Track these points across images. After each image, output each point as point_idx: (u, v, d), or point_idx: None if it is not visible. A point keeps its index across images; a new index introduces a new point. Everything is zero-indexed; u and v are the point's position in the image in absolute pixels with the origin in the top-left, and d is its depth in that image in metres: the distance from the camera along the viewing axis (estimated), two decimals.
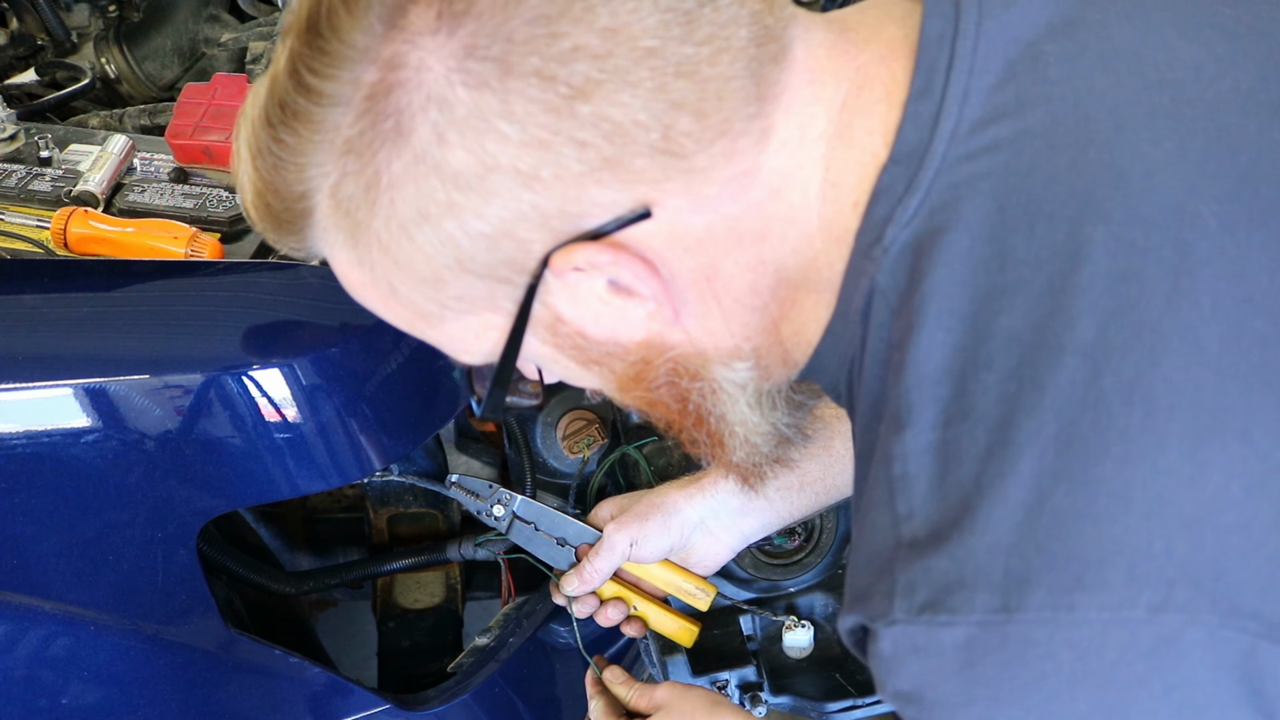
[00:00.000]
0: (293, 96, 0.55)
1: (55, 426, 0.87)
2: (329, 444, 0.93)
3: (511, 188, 0.55)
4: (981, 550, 0.53)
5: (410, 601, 1.29)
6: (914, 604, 0.55)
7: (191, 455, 0.90)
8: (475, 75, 0.53)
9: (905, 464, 0.57)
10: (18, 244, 1.01)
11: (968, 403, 0.55)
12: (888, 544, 0.57)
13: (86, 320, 0.93)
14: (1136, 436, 0.52)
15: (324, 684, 1.07)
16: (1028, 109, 0.58)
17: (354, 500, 1.29)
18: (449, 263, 0.58)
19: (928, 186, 0.58)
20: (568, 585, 1.05)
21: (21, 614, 0.92)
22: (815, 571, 1.28)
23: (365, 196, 0.56)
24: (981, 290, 0.56)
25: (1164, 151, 0.56)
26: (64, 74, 1.42)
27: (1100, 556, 0.52)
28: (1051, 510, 0.52)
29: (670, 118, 0.55)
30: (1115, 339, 0.53)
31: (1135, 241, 0.54)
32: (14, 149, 1.13)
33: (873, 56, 0.61)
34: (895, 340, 0.58)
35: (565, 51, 0.53)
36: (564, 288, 0.60)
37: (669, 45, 0.54)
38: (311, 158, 0.56)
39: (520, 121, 0.53)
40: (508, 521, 1.08)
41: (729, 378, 0.68)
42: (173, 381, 0.88)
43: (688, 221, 0.60)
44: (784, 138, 0.60)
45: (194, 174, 1.11)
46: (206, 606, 0.98)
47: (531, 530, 1.08)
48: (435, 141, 0.54)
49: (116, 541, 0.93)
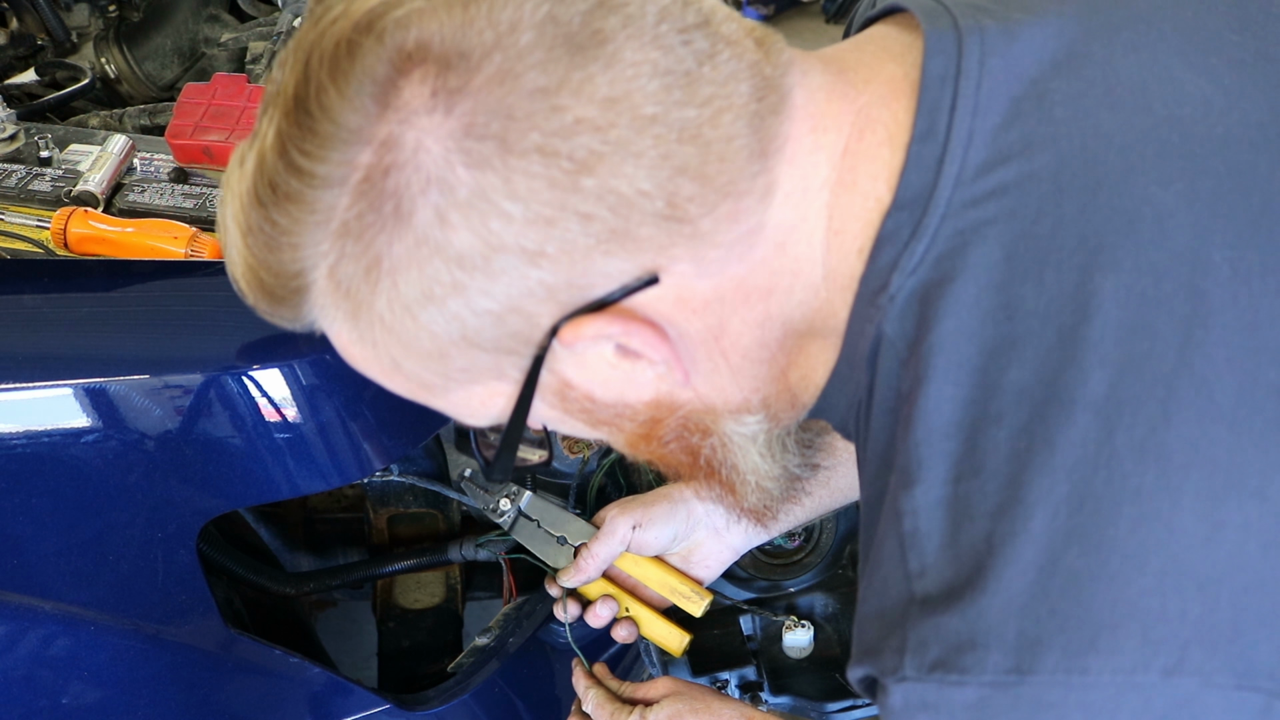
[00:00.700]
0: (284, 177, 0.53)
1: (55, 426, 0.87)
2: (329, 444, 0.93)
3: (518, 265, 0.54)
4: (994, 610, 0.52)
5: (410, 601, 1.29)
6: (925, 661, 0.54)
7: (191, 455, 0.90)
8: (475, 154, 0.51)
9: (916, 520, 0.56)
10: (18, 244, 1.01)
11: (978, 459, 0.54)
12: (900, 599, 0.56)
13: (86, 320, 0.93)
14: (1150, 496, 0.51)
15: (324, 684, 1.07)
16: (1034, 151, 0.56)
17: (354, 500, 1.29)
18: (455, 339, 0.56)
19: (933, 233, 0.56)
20: (565, 577, 1.04)
21: (22, 614, 0.92)
22: (815, 571, 1.28)
23: (366, 278, 0.55)
24: (990, 342, 0.55)
25: (1174, 194, 0.55)
26: (64, 74, 1.42)
27: (1114, 619, 0.51)
28: (1064, 571, 0.52)
29: (675, 185, 0.54)
30: (1127, 394, 0.52)
31: (1146, 292, 0.53)
32: (14, 149, 1.13)
33: (873, 98, 0.60)
34: (904, 391, 0.58)
35: (567, 125, 0.52)
36: (571, 355, 0.59)
37: (671, 111, 0.53)
38: (306, 238, 0.54)
39: (524, 199, 0.52)
40: (513, 517, 1.08)
41: (739, 431, 0.68)
42: (173, 381, 0.88)
43: (694, 285, 0.59)
44: (788, 190, 0.59)
45: (194, 174, 1.11)
46: (206, 606, 0.98)
47: (534, 527, 1.08)
48: (437, 224, 0.52)
49: (116, 541, 0.93)
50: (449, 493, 1.18)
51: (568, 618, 1.06)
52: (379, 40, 0.51)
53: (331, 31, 0.53)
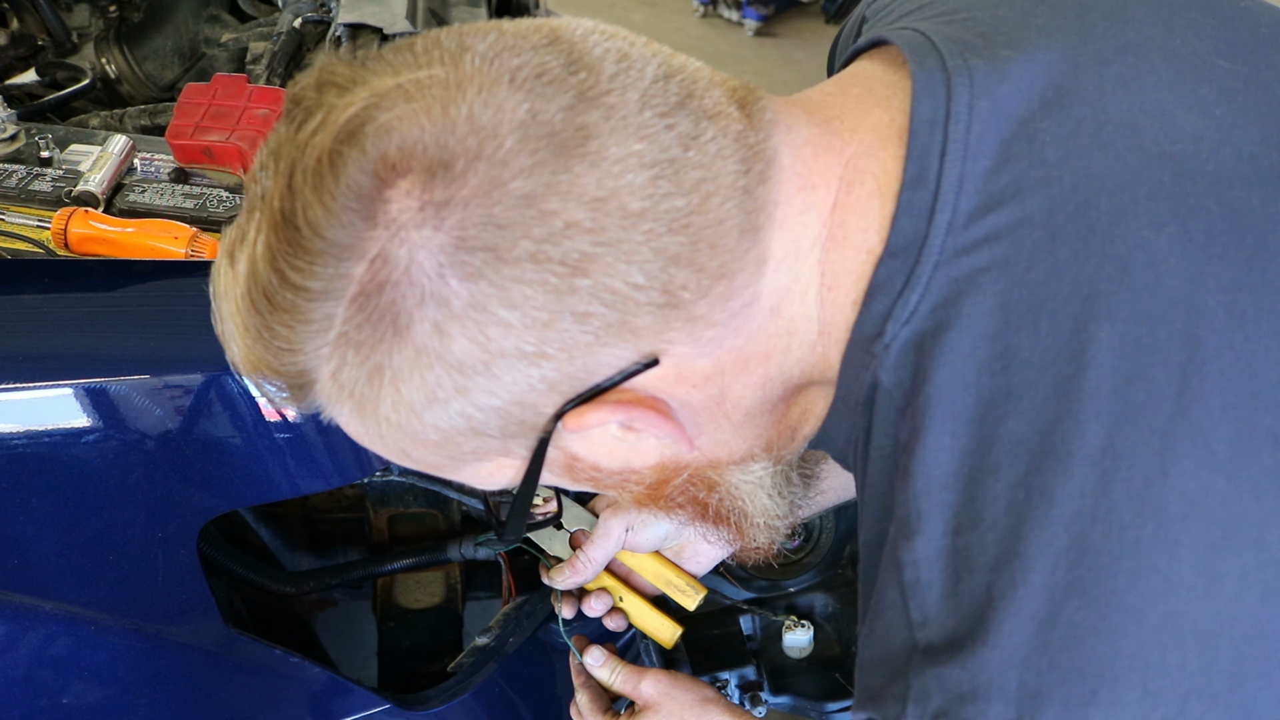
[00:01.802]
0: (278, 290, 0.53)
1: (56, 426, 0.87)
2: (329, 444, 0.93)
3: (518, 367, 0.54)
4: (995, 662, 0.53)
5: (410, 601, 1.29)
6: (927, 711, 0.55)
7: (192, 455, 0.90)
8: (468, 267, 0.51)
9: (917, 570, 0.56)
10: (18, 244, 1.01)
11: (976, 510, 0.54)
12: (902, 648, 0.57)
13: (87, 320, 0.93)
14: (1148, 549, 0.51)
15: (324, 684, 1.07)
16: (1025, 195, 0.56)
17: (354, 500, 1.29)
18: (461, 431, 0.57)
19: (927, 281, 0.56)
20: (559, 578, 1.04)
21: (22, 614, 0.92)
22: (815, 571, 1.28)
23: (369, 384, 0.55)
24: (986, 393, 0.55)
25: (1167, 238, 0.54)
26: (64, 74, 1.42)
27: (1114, 671, 0.51)
28: (1064, 625, 0.52)
29: (668, 275, 0.54)
30: (1124, 446, 0.52)
31: (1141, 340, 0.53)
32: (14, 149, 1.13)
33: (860, 148, 0.60)
34: (902, 441, 0.58)
35: (557, 231, 0.51)
36: (577, 434, 0.60)
37: (660, 203, 0.53)
38: (307, 345, 0.55)
39: (520, 307, 0.52)
40: None
41: (747, 479, 0.69)
42: (173, 381, 0.88)
43: (693, 364, 0.59)
44: (780, 257, 0.59)
45: (194, 174, 1.12)
46: (207, 606, 0.98)
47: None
48: (436, 335, 0.53)
49: (117, 541, 0.93)
50: (449, 492, 1.18)
51: (564, 613, 1.06)
52: (361, 151, 0.51)
53: (313, 144, 0.52)
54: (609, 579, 1.07)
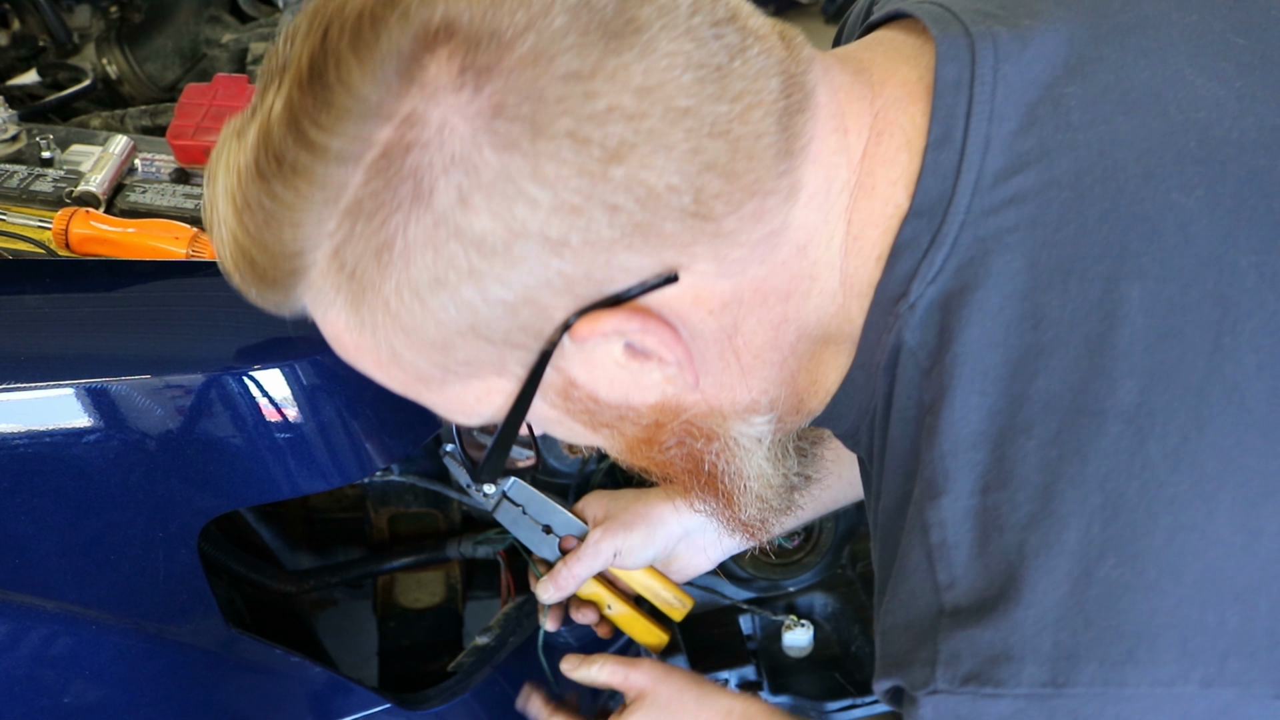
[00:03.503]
0: (293, 151, 0.51)
1: (57, 426, 0.88)
2: (330, 444, 0.94)
3: (539, 254, 0.52)
4: (1028, 622, 0.52)
5: (411, 601, 1.29)
6: (958, 674, 0.54)
7: (193, 455, 0.91)
8: (504, 136, 0.49)
9: (944, 531, 0.55)
10: (19, 244, 1.01)
11: (1006, 469, 0.54)
12: (929, 611, 0.56)
13: (88, 320, 0.93)
14: (1185, 505, 0.51)
15: (324, 683, 1.07)
16: (1052, 157, 0.56)
17: (354, 500, 1.29)
18: (461, 329, 0.54)
19: (953, 241, 0.56)
20: (544, 592, 1.03)
21: (23, 613, 0.92)
22: (815, 571, 1.28)
23: (375, 260, 0.52)
24: (1016, 351, 0.54)
25: (1196, 200, 0.54)
26: (65, 75, 1.42)
27: (1151, 630, 0.51)
28: (1100, 583, 0.51)
29: (703, 180, 0.53)
30: (1158, 403, 0.52)
31: (1173, 299, 0.53)
32: (16, 150, 1.13)
33: (890, 100, 0.59)
34: (927, 402, 0.57)
35: (600, 112, 0.50)
36: (580, 352, 0.58)
37: (704, 104, 0.52)
38: (311, 215, 0.52)
39: (551, 186, 0.50)
40: (497, 499, 1.06)
41: (747, 433, 0.66)
42: (174, 382, 0.88)
43: (714, 286, 0.57)
44: (811, 191, 0.58)
45: (195, 174, 1.12)
46: (208, 606, 0.98)
47: (519, 513, 1.06)
48: (459, 205, 0.50)
49: (118, 541, 0.93)
50: (449, 493, 1.18)
51: (548, 625, 1.07)
52: (404, 17, 0.50)
53: (353, 2, 0.51)
54: (597, 586, 1.08)
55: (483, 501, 1.07)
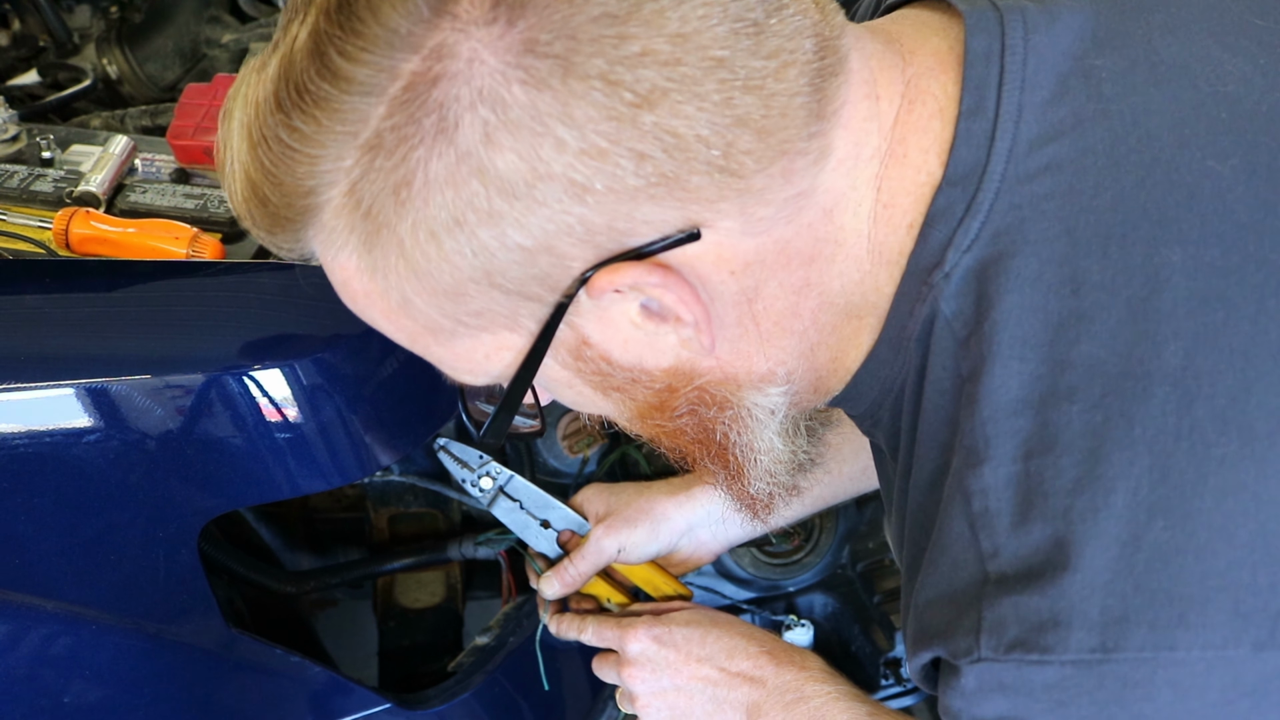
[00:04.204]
0: (315, 81, 0.50)
1: (57, 426, 0.88)
2: (330, 444, 0.94)
3: (561, 198, 0.50)
4: (1076, 588, 0.51)
5: (411, 601, 1.29)
6: (1003, 642, 0.53)
7: (192, 455, 0.91)
8: (534, 73, 0.48)
9: (986, 499, 0.55)
10: (20, 244, 1.01)
11: (1051, 434, 0.53)
12: (973, 581, 0.55)
13: (88, 320, 0.93)
14: (1235, 466, 0.51)
15: (325, 683, 1.07)
16: (1085, 126, 0.56)
17: (354, 500, 1.29)
18: (476, 275, 0.53)
19: (989, 209, 0.55)
20: (548, 588, 1.03)
21: (23, 613, 0.92)
22: (815, 571, 1.28)
23: (393, 196, 0.51)
24: (1056, 317, 0.54)
25: (1231, 168, 0.54)
26: (66, 75, 1.42)
27: (1203, 593, 0.50)
28: (1150, 546, 0.51)
29: (733, 135, 0.52)
30: (1204, 365, 0.51)
31: (1215, 262, 0.53)
32: (16, 150, 1.13)
33: (921, 69, 0.59)
34: (965, 372, 0.56)
35: (633, 55, 0.49)
36: (595, 309, 0.56)
37: (739, 57, 0.51)
38: (329, 150, 0.51)
39: (580, 127, 0.49)
40: (492, 495, 1.05)
41: (761, 403, 0.65)
42: (174, 382, 0.88)
43: (737, 244, 0.56)
44: (841, 155, 0.57)
45: (195, 174, 1.12)
46: (208, 606, 0.98)
47: (516, 508, 1.05)
48: (483, 142, 0.49)
49: (118, 541, 0.93)
50: (449, 493, 1.18)
51: (547, 620, 1.06)
52: None
53: None
54: (596, 580, 1.08)
55: (480, 497, 1.06)
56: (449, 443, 1.06)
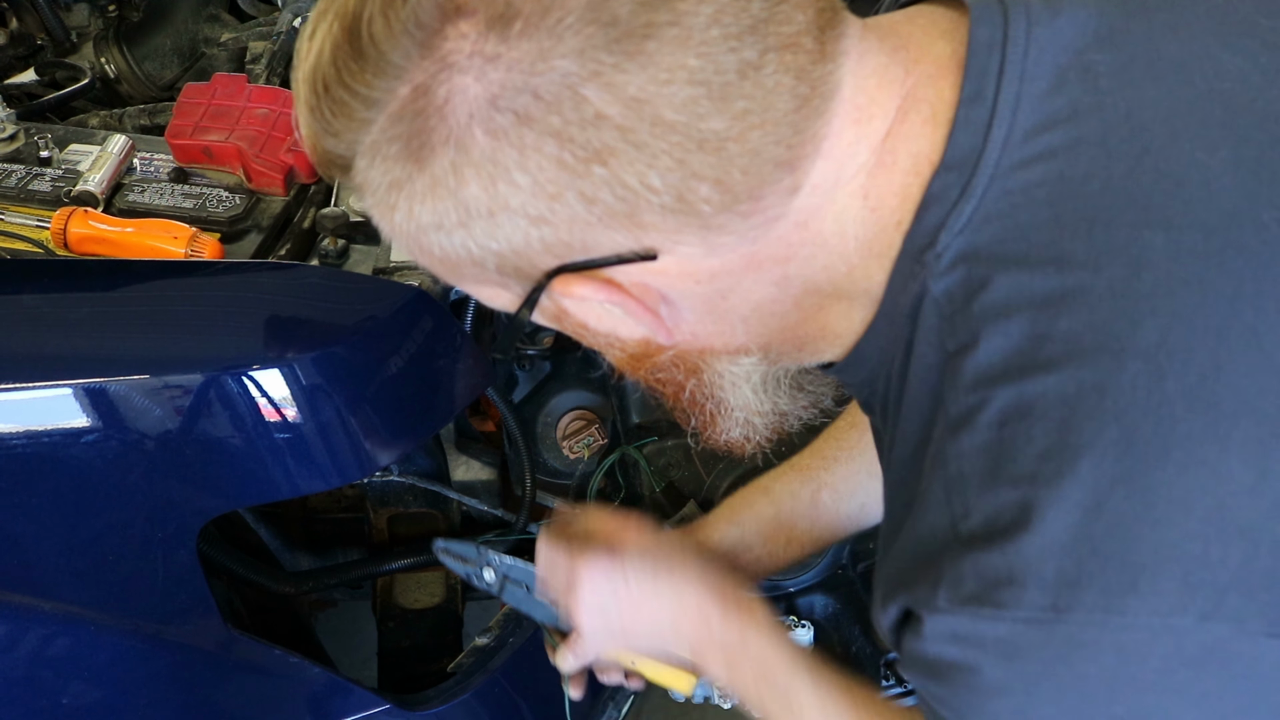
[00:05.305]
0: (334, 84, 0.56)
1: (55, 426, 0.87)
2: (329, 444, 0.93)
3: (520, 225, 0.56)
4: (1035, 549, 0.53)
5: (410, 601, 1.29)
6: (960, 594, 0.55)
7: (191, 455, 0.90)
8: (495, 123, 0.53)
9: (961, 463, 0.56)
10: (18, 244, 1.01)
11: (1026, 404, 0.55)
12: (942, 539, 0.57)
13: (86, 320, 0.93)
14: (1199, 442, 0.52)
15: (324, 684, 1.07)
16: (1081, 117, 0.57)
17: (354, 500, 1.29)
18: (462, 259, 0.59)
19: (982, 193, 0.57)
20: (564, 663, 1.03)
21: (22, 614, 0.92)
22: (815, 571, 1.28)
23: (388, 192, 0.58)
24: (1040, 295, 0.55)
25: (1220, 160, 0.56)
26: (64, 74, 1.42)
27: (1156, 561, 0.51)
28: (1110, 513, 0.52)
29: (687, 185, 0.55)
30: (1178, 343, 0.53)
31: (1195, 247, 0.54)
32: (14, 149, 1.13)
33: (922, 77, 0.60)
34: (952, 347, 0.58)
35: (587, 118, 0.53)
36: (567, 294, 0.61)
37: (694, 121, 0.54)
38: (348, 137, 0.58)
39: (532, 174, 0.54)
40: (499, 584, 1.08)
41: (734, 370, 0.69)
42: (173, 381, 0.88)
43: (700, 263, 0.59)
44: (816, 182, 0.59)
45: (194, 174, 1.11)
46: (206, 606, 0.98)
47: (524, 592, 1.08)
48: (451, 173, 0.55)
49: (116, 541, 0.93)
50: (449, 493, 1.18)
51: (572, 694, 1.06)
52: None
53: None
54: None
55: (487, 586, 1.08)
56: (448, 543, 1.09)
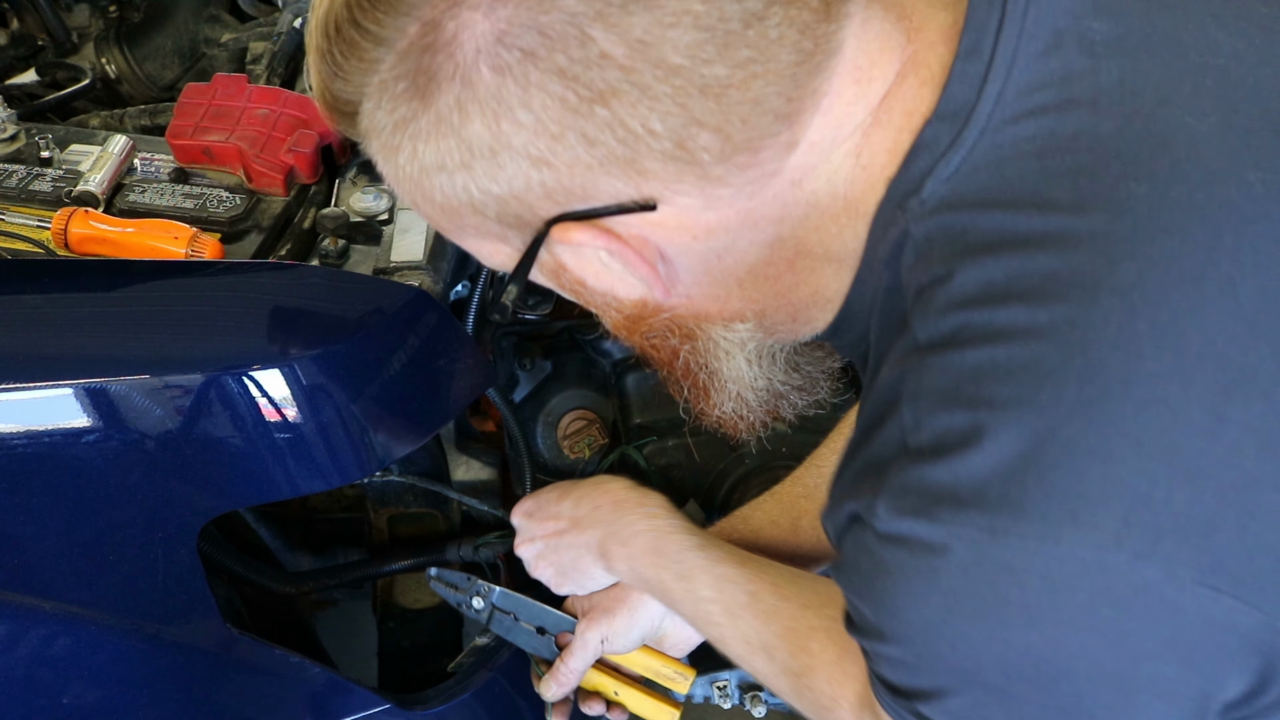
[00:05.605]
0: (346, 24, 0.57)
1: (56, 426, 0.87)
2: (329, 444, 0.94)
3: (522, 165, 0.57)
4: (983, 469, 0.53)
5: (410, 601, 1.29)
6: (901, 505, 0.55)
7: (192, 455, 0.90)
8: (501, 60, 0.54)
9: (920, 379, 0.57)
10: (18, 244, 1.01)
11: (995, 328, 0.55)
12: (891, 451, 0.57)
13: (87, 320, 0.93)
14: (1163, 381, 0.52)
15: (324, 683, 1.07)
16: (1074, 80, 0.58)
17: (354, 500, 1.29)
18: (463, 204, 0.60)
19: (972, 144, 0.58)
20: (547, 691, 1.05)
21: (22, 614, 0.92)
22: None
23: (393, 133, 0.59)
24: (1021, 235, 0.56)
25: (1208, 125, 0.57)
26: (64, 74, 1.42)
27: (1100, 494, 0.51)
28: (1062, 441, 0.52)
29: (688, 132, 0.56)
30: (1154, 286, 0.53)
31: (1179, 199, 0.55)
32: (14, 149, 1.13)
33: (922, 44, 0.61)
34: (925, 280, 0.58)
35: (592, 57, 0.53)
36: (566, 246, 0.62)
37: (698, 66, 0.54)
38: (356, 80, 0.59)
39: (536, 112, 0.55)
40: (488, 613, 1.09)
41: (729, 337, 0.69)
42: (173, 381, 0.88)
43: (697, 216, 0.60)
44: (813, 139, 0.60)
45: (194, 174, 1.12)
46: (207, 606, 0.98)
47: (511, 621, 1.09)
48: (456, 109, 0.56)
49: (117, 541, 0.93)
50: (449, 493, 1.18)
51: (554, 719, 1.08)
52: None
53: None
54: (601, 675, 1.08)
55: (475, 614, 1.11)
56: (440, 572, 1.11)
